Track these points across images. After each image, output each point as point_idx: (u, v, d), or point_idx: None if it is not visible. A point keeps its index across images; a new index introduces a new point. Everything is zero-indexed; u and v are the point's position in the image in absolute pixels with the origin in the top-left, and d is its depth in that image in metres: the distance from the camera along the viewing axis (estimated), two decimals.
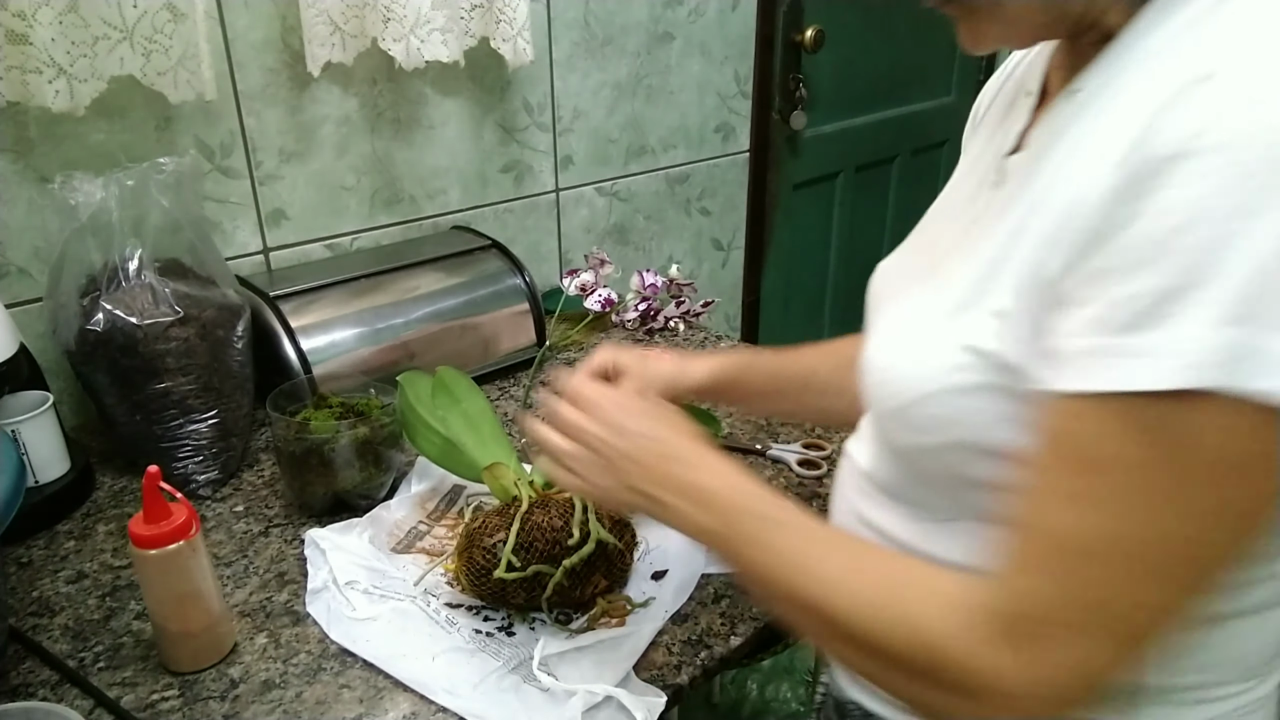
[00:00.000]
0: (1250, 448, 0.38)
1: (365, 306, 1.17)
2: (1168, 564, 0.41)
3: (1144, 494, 0.40)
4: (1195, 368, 0.37)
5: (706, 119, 1.78)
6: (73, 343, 0.93)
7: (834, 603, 0.49)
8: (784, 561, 0.52)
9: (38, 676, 0.75)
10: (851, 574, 0.50)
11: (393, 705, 0.71)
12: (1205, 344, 0.37)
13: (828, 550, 0.52)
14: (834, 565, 0.50)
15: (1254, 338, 0.37)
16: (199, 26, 1.04)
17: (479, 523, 0.81)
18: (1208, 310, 0.37)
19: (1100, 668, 0.43)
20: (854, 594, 0.49)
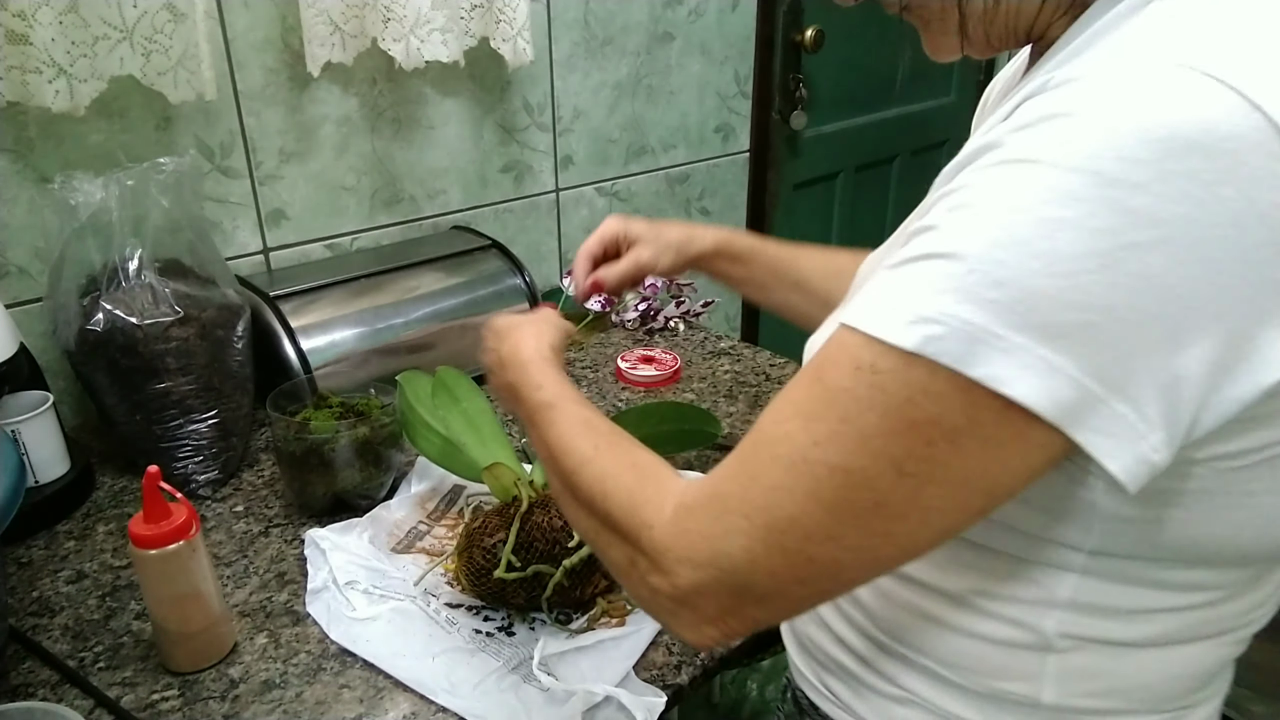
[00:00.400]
0: (957, 421, 0.39)
1: (365, 306, 1.17)
2: (839, 495, 0.42)
3: (847, 427, 0.41)
4: (926, 339, 0.39)
5: (706, 119, 1.78)
6: (73, 343, 0.93)
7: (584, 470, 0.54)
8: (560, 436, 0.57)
9: (38, 676, 0.75)
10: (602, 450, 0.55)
11: (393, 705, 0.71)
12: (944, 318, 0.38)
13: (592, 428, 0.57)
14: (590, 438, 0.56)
15: (988, 327, 0.37)
16: (199, 26, 1.04)
17: (479, 523, 0.81)
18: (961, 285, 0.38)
19: (757, 568, 0.44)
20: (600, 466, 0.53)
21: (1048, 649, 0.50)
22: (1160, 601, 0.48)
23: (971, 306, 0.38)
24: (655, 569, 0.47)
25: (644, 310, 1.41)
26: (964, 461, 0.40)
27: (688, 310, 1.43)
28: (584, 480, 0.54)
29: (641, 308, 1.40)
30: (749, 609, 0.46)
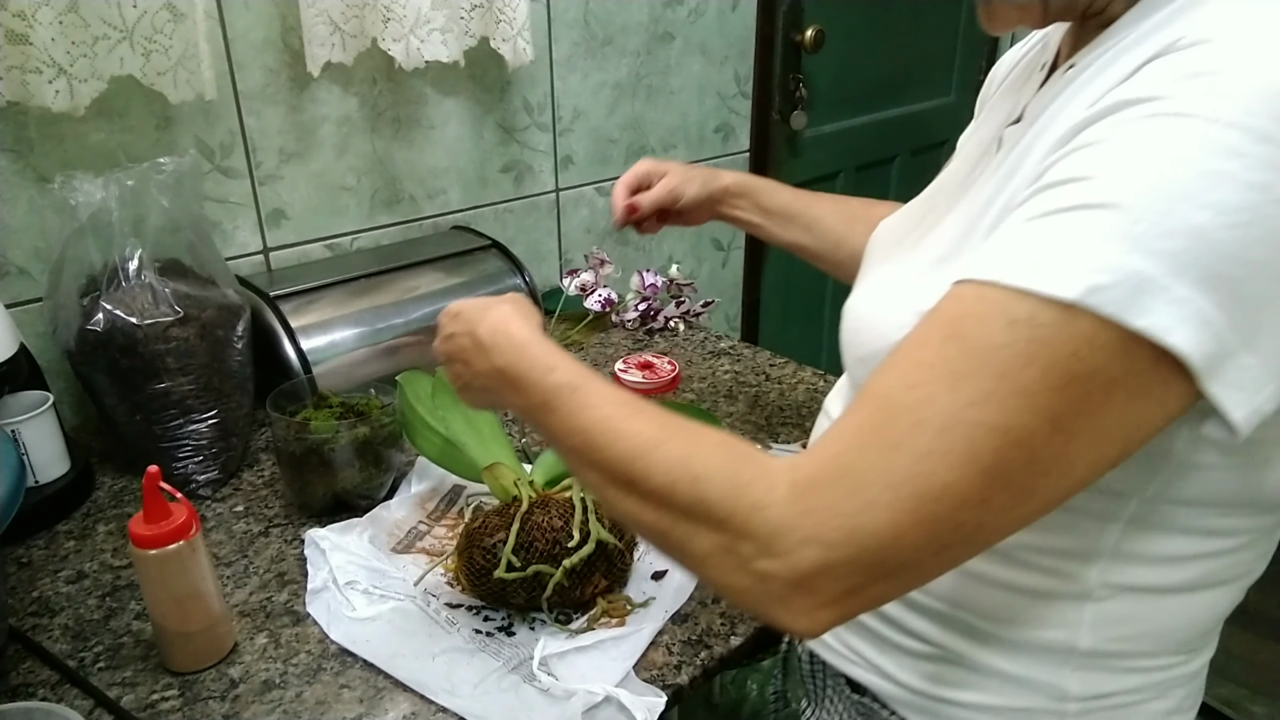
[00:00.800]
0: (1115, 374, 0.39)
1: (365, 306, 1.17)
2: (993, 456, 0.40)
3: (1004, 384, 0.40)
4: (1091, 289, 0.38)
5: (706, 119, 1.78)
6: (73, 343, 0.93)
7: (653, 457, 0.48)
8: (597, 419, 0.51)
9: (38, 676, 0.75)
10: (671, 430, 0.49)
11: (393, 705, 0.71)
12: (1110, 267, 0.38)
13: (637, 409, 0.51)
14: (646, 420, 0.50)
15: (1155, 275, 0.38)
16: (199, 26, 1.04)
17: (479, 523, 0.81)
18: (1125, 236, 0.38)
19: (899, 544, 0.41)
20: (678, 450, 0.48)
21: (1087, 598, 0.52)
22: (1195, 548, 0.50)
23: (1140, 256, 0.38)
24: (766, 553, 0.43)
25: (644, 310, 1.41)
26: (1112, 414, 0.40)
27: (688, 310, 1.43)
28: (656, 466, 0.47)
29: (641, 308, 1.41)
30: (876, 586, 0.43)
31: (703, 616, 0.81)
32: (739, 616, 0.81)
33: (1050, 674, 0.55)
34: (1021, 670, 0.56)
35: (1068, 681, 0.55)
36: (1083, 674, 0.55)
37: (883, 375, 0.44)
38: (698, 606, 0.82)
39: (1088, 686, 0.55)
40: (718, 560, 0.45)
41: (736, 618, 0.80)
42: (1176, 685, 0.57)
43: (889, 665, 0.61)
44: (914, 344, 0.44)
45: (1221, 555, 0.51)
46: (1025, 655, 0.55)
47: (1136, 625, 0.53)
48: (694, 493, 0.46)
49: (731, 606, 0.82)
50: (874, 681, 0.63)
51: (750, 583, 0.44)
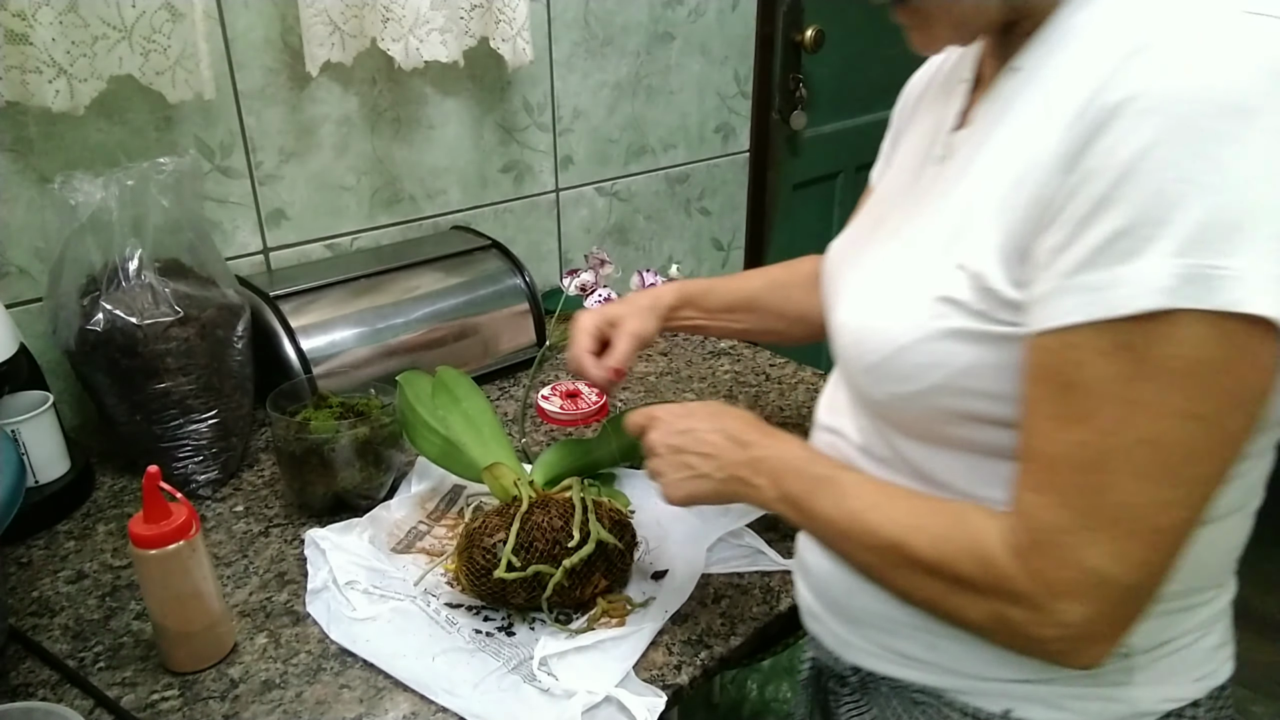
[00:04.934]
0: (1216, 354, 0.44)
1: (365, 306, 1.17)
2: (1158, 463, 0.46)
3: (1125, 404, 0.46)
4: (1159, 292, 0.43)
5: (706, 119, 1.77)
6: (73, 343, 0.93)
7: (910, 538, 0.54)
8: (859, 510, 0.57)
9: (38, 676, 0.75)
10: (919, 514, 0.56)
11: (393, 705, 0.71)
12: (1164, 272, 0.43)
13: (890, 496, 0.58)
14: (902, 507, 0.56)
15: (1206, 262, 0.42)
16: (198, 26, 1.04)
17: (479, 523, 0.81)
18: (1164, 244, 0.43)
19: (1123, 567, 0.47)
20: (926, 529, 0.54)
21: None
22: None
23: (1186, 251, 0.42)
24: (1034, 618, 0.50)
25: None
26: (1240, 386, 0.45)
27: None
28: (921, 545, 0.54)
29: None
30: (1132, 606, 0.49)
31: (703, 616, 0.81)
32: (739, 616, 0.81)
33: None
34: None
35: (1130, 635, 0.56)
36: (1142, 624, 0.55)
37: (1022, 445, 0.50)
38: (698, 606, 0.82)
39: (1149, 637, 0.58)
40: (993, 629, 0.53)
41: (736, 618, 0.80)
42: (1216, 620, 0.62)
43: (946, 659, 0.61)
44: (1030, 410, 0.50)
45: (1238, 478, 0.55)
46: None
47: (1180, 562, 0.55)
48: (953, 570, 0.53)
49: (731, 606, 0.82)
50: (933, 679, 0.62)
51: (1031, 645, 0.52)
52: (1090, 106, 0.46)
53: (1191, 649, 0.60)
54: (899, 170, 0.68)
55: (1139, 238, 0.44)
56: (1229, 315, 0.43)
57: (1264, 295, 0.42)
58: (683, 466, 0.68)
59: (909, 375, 0.55)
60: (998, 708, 0.60)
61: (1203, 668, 0.61)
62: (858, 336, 0.60)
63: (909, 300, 0.55)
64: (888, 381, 0.57)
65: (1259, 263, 0.42)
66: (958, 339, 0.52)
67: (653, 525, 0.91)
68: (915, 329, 0.54)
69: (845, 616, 0.66)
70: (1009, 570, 0.50)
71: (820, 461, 0.63)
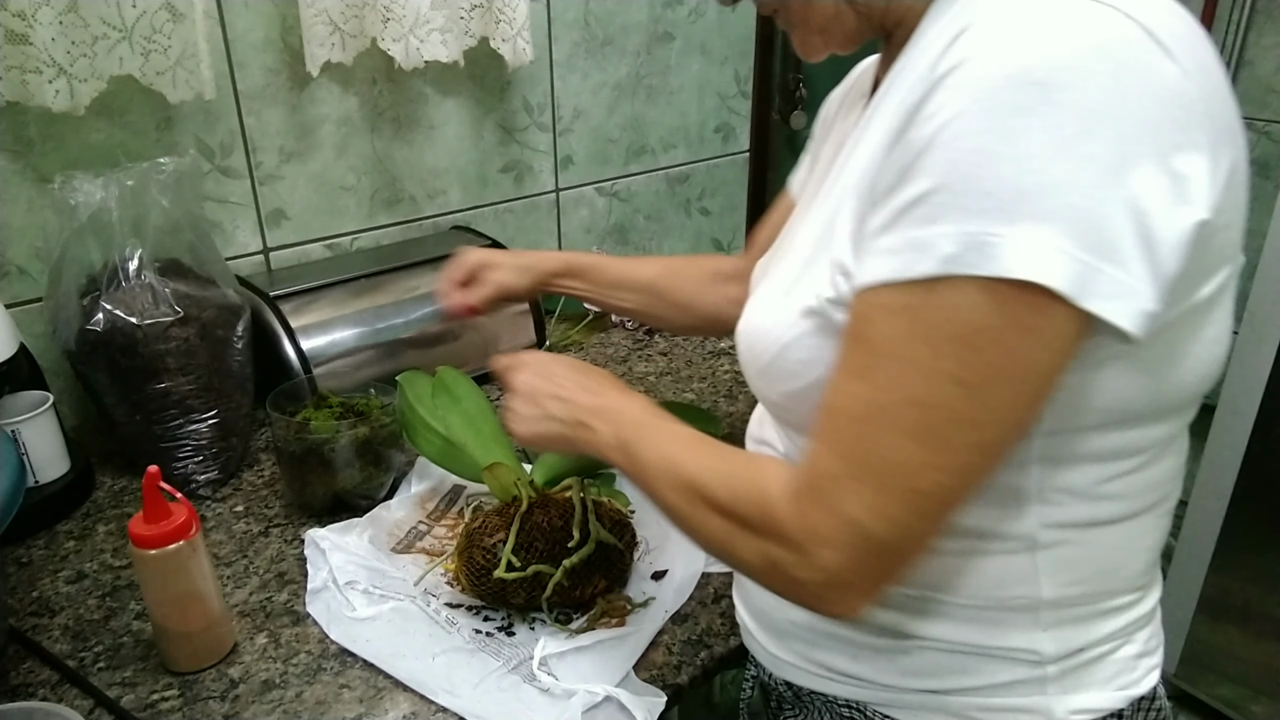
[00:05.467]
0: (989, 321, 0.44)
1: (365, 306, 1.17)
2: (924, 425, 0.47)
3: (900, 363, 0.47)
4: (941, 259, 0.44)
5: (706, 119, 1.77)
6: (73, 343, 0.93)
7: (709, 479, 0.57)
8: (672, 453, 0.60)
9: (38, 676, 0.75)
10: (723, 459, 0.58)
11: (393, 705, 0.71)
12: (949, 238, 0.44)
13: (705, 444, 0.60)
14: (711, 453, 0.59)
15: (987, 230, 0.43)
16: (198, 26, 1.04)
17: (479, 523, 0.81)
18: (953, 212, 0.44)
19: (877, 521, 0.48)
20: (723, 471, 0.57)
21: (1034, 547, 0.55)
22: (1110, 471, 0.54)
23: (973, 219, 0.43)
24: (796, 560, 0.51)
25: None
26: (1011, 356, 0.45)
27: None
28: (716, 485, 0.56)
29: None
30: (885, 561, 0.50)
31: (702, 616, 0.81)
32: None
33: (1024, 638, 0.57)
34: (996, 641, 0.57)
35: (1041, 643, 0.57)
36: (1054, 632, 0.57)
37: (824, 394, 0.51)
38: (697, 606, 0.82)
39: (1061, 644, 0.57)
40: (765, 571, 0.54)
41: (736, 618, 0.80)
42: (1138, 628, 0.61)
43: (866, 671, 0.62)
44: (838, 361, 0.51)
45: (1134, 474, 0.55)
46: (995, 623, 0.57)
47: (1087, 566, 0.56)
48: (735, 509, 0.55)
49: (732, 606, 0.82)
50: (856, 693, 0.63)
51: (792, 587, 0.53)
52: (918, 85, 0.47)
53: (1109, 658, 0.59)
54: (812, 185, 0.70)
55: (933, 204, 0.45)
56: (1003, 282, 0.43)
57: (1039, 264, 0.43)
58: (535, 405, 0.70)
59: (794, 373, 0.57)
60: (914, 719, 0.61)
61: (1123, 677, 0.60)
62: (749, 341, 0.61)
63: (790, 300, 0.57)
64: (777, 381, 0.59)
65: (1038, 232, 0.43)
66: (831, 333, 0.53)
67: (652, 525, 0.91)
68: (793, 326, 0.56)
69: (774, 630, 0.67)
70: (781, 512, 0.51)
71: (658, 415, 0.65)
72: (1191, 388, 0.53)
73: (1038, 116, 0.43)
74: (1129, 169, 0.43)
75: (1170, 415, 0.54)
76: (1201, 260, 0.47)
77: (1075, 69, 0.43)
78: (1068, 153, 0.43)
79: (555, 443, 0.69)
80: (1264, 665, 1.61)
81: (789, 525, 0.51)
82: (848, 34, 0.59)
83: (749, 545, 0.54)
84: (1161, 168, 0.44)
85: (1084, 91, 0.43)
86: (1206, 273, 0.49)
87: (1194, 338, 0.51)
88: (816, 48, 0.61)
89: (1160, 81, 0.44)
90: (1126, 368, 0.50)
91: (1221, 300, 0.51)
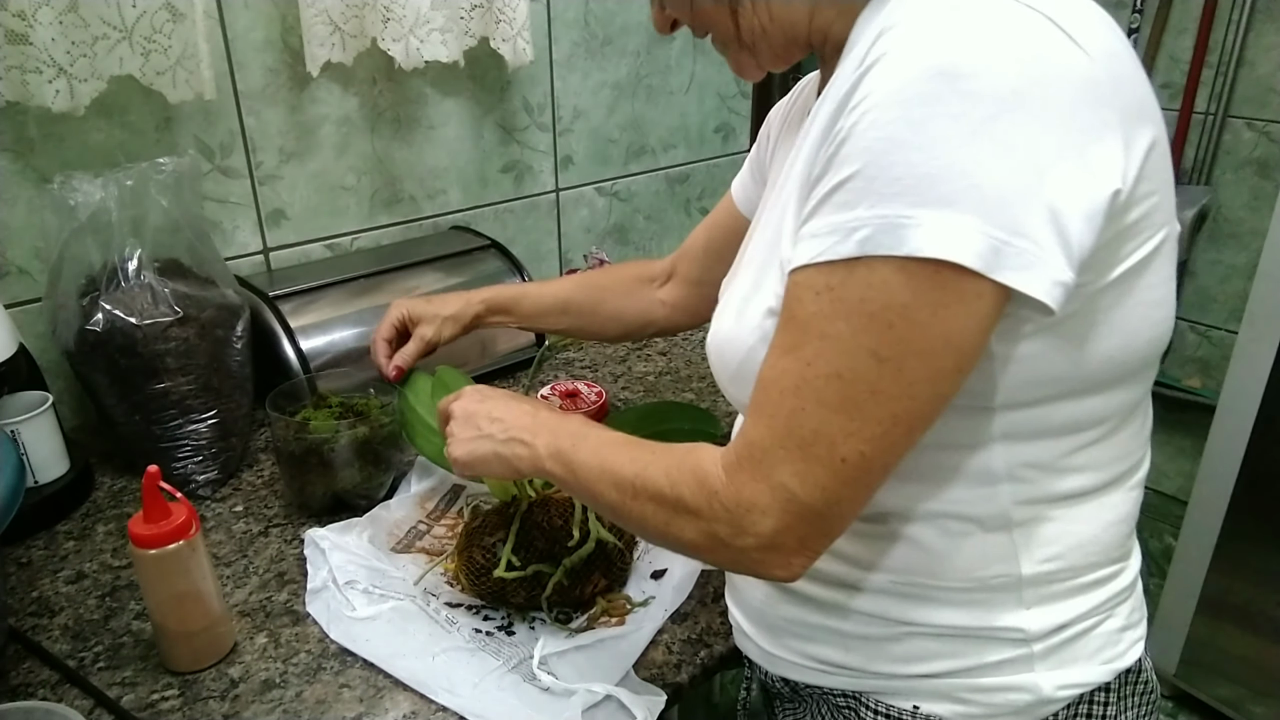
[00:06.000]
0: (902, 299, 0.47)
1: (365, 306, 1.17)
2: (845, 397, 0.49)
3: (823, 339, 0.49)
4: (858, 242, 0.47)
5: (706, 119, 1.78)
6: (72, 343, 0.93)
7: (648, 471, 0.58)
8: (609, 454, 0.61)
9: (38, 676, 0.75)
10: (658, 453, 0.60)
11: (393, 704, 0.71)
12: (865, 222, 0.47)
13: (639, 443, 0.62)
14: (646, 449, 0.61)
15: (899, 213, 0.46)
16: (198, 26, 1.04)
17: (479, 522, 0.81)
18: (869, 197, 0.47)
19: (806, 488, 0.50)
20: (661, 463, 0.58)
21: (1010, 525, 0.57)
22: (1070, 444, 0.56)
23: (885, 202, 0.46)
24: (734, 530, 0.53)
25: None
26: (925, 331, 0.47)
27: None
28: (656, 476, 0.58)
29: None
30: (816, 527, 0.52)
31: (702, 615, 0.81)
32: None
33: (1006, 616, 0.58)
34: (981, 622, 0.59)
35: (1024, 620, 0.58)
36: (1036, 609, 0.58)
37: (762, 367, 0.53)
38: (697, 605, 0.82)
39: (1044, 620, 0.59)
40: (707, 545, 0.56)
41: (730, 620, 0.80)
42: (1119, 602, 0.62)
43: (859, 661, 0.63)
44: (773, 339, 0.53)
45: (1100, 444, 0.57)
46: (980, 604, 0.58)
47: (1062, 541, 0.58)
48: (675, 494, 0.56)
49: None
50: (850, 683, 0.64)
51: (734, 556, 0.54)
52: (846, 83, 0.50)
53: (1093, 633, 0.61)
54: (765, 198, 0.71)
55: (851, 190, 0.47)
56: (916, 261, 0.46)
57: (948, 242, 0.45)
58: (471, 428, 0.71)
59: None
60: (907, 704, 0.62)
61: (1107, 651, 0.61)
62: (719, 350, 0.63)
63: (751, 306, 0.59)
64: (747, 384, 0.59)
65: (947, 212, 0.45)
66: None
67: None
68: (757, 330, 0.58)
69: (768, 627, 0.68)
70: (716, 484, 0.54)
71: (592, 426, 0.66)
72: (1139, 352, 0.55)
73: (945, 105, 0.45)
74: (1036, 148, 0.45)
75: (1124, 382, 0.56)
76: (1125, 229, 0.50)
77: (983, 60, 0.45)
78: (975, 137, 0.45)
79: (490, 463, 0.70)
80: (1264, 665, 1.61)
81: (724, 496, 0.53)
82: (775, 51, 0.62)
83: (689, 526, 0.56)
84: (1069, 145, 0.46)
85: (991, 80, 0.45)
86: (1134, 239, 0.51)
87: (1131, 302, 0.53)
88: (750, 67, 0.65)
89: (1067, 67, 0.47)
90: (1066, 337, 0.52)
91: (1156, 265, 0.53)
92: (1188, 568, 1.61)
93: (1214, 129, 2.02)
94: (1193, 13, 2.00)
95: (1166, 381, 2.20)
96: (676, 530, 0.57)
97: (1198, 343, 2.18)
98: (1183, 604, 1.64)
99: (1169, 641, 1.68)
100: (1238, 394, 1.48)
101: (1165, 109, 2.08)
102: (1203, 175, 2.06)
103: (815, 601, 0.63)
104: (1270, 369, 1.43)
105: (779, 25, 0.61)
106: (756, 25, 0.62)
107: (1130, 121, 0.49)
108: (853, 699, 0.64)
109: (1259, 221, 1.99)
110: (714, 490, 0.54)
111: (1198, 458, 1.57)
